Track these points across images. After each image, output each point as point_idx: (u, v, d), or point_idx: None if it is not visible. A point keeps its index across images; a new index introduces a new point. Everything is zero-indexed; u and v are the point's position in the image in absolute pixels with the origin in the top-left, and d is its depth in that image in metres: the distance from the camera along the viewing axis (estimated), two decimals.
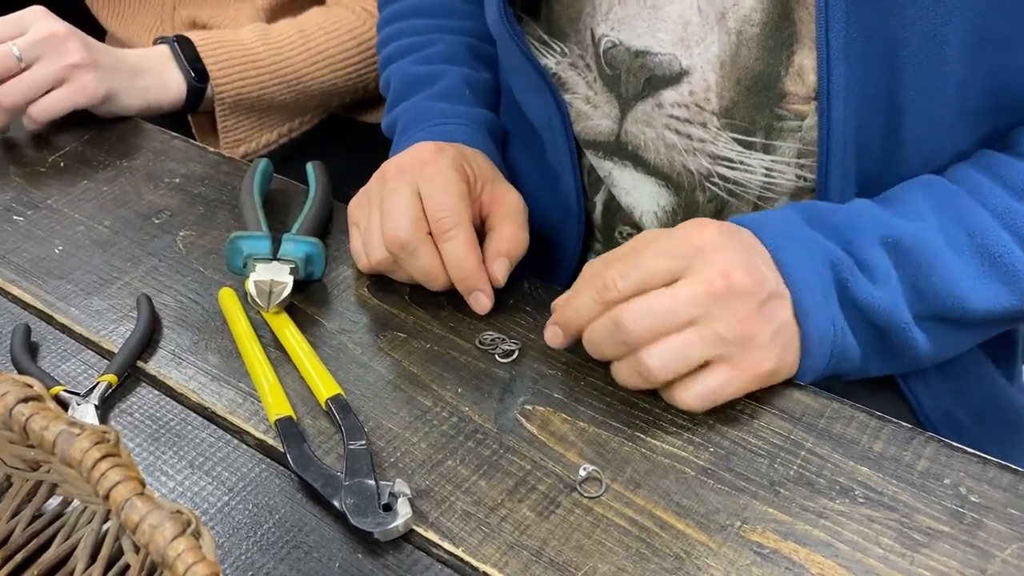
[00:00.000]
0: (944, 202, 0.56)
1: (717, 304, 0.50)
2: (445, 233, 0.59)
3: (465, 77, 0.76)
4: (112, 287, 0.66)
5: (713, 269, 0.50)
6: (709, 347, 0.50)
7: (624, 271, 0.52)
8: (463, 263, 0.59)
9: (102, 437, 0.35)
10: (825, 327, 0.53)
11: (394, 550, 0.48)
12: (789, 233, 0.54)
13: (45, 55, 0.78)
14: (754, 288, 0.51)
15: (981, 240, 0.54)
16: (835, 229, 0.55)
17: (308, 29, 0.97)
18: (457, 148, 0.65)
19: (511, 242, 0.62)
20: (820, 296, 0.53)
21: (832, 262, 0.53)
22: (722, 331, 0.50)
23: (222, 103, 0.93)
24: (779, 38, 0.56)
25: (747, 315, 0.50)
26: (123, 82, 0.84)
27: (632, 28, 0.60)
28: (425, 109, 0.73)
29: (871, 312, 0.54)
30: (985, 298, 0.54)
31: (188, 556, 0.31)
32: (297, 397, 0.56)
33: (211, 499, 0.51)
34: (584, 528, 0.48)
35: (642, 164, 0.65)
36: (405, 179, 0.61)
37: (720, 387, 0.51)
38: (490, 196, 0.64)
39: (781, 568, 0.46)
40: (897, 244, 0.54)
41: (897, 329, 0.55)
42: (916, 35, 0.52)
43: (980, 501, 0.49)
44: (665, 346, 0.50)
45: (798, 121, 0.58)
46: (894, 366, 0.58)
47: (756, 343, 0.51)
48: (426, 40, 0.79)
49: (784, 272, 0.52)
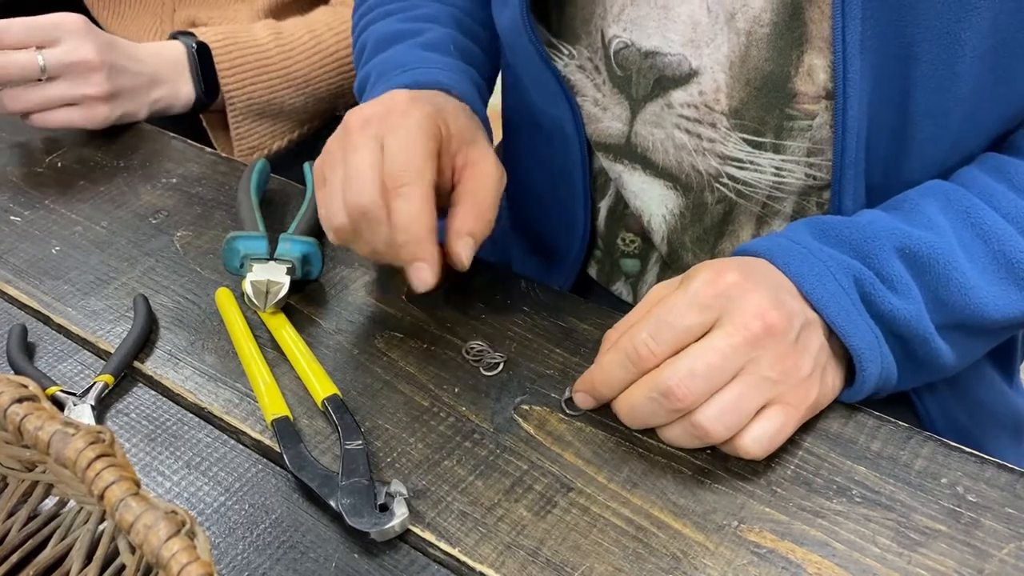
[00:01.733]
0: (956, 209, 0.55)
1: (757, 349, 0.49)
2: (397, 188, 0.53)
3: (452, 37, 0.71)
4: (109, 287, 0.65)
5: (746, 314, 0.49)
6: (761, 393, 0.49)
7: (655, 333, 0.50)
8: (410, 225, 0.52)
9: (97, 437, 0.35)
10: (870, 339, 0.52)
11: (390, 550, 0.48)
12: (804, 256, 0.53)
13: (68, 78, 0.78)
14: (788, 323, 0.49)
15: (997, 246, 0.54)
16: (850, 243, 0.54)
17: (319, 30, 0.96)
18: (434, 103, 0.58)
19: (477, 220, 0.56)
20: (853, 311, 0.52)
21: (855, 277, 0.52)
22: (768, 374, 0.49)
23: (234, 109, 0.93)
24: (789, 38, 0.56)
25: (787, 351, 0.49)
26: (137, 102, 0.84)
27: (643, 29, 0.60)
28: (405, 56, 0.67)
29: (896, 324, 0.53)
30: (1003, 305, 0.54)
31: (182, 556, 0.31)
32: (294, 397, 0.56)
33: (207, 499, 0.51)
34: (581, 528, 0.48)
35: (651, 166, 0.64)
36: (370, 132, 0.55)
37: (780, 429, 0.50)
38: (464, 160, 0.58)
39: (778, 568, 0.46)
40: (915, 255, 0.53)
41: (922, 340, 0.54)
42: (930, 34, 0.51)
43: (977, 500, 0.49)
44: (719, 404, 0.48)
45: (808, 120, 0.57)
46: (921, 377, 0.58)
47: (801, 375, 0.50)
48: (410, 4, 0.75)
49: (810, 298, 0.51)
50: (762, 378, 0.49)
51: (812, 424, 0.53)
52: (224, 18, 1.04)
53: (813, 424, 0.53)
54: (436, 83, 0.64)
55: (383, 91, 0.63)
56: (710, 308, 0.49)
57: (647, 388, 0.49)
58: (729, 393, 0.48)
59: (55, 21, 0.78)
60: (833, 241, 0.54)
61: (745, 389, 0.49)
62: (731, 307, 0.49)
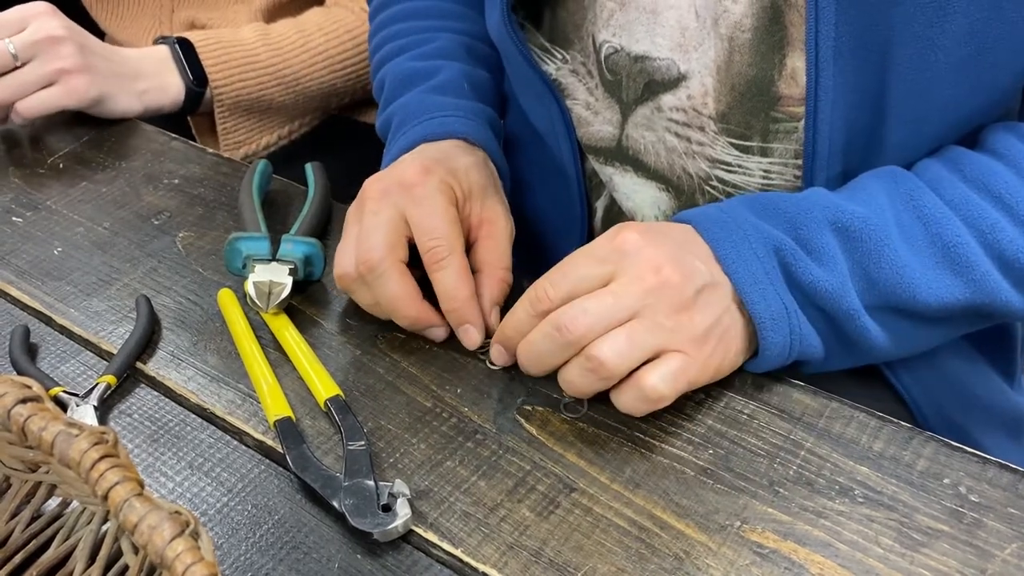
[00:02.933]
0: (900, 191, 0.55)
1: (652, 296, 0.50)
2: (438, 263, 0.58)
3: (464, 72, 0.74)
4: (111, 288, 0.66)
5: (642, 266, 0.51)
6: (655, 336, 0.50)
7: (554, 280, 0.52)
8: (455, 293, 0.57)
9: (100, 438, 0.35)
10: (776, 308, 0.53)
11: (393, 551, 0.48)
12: (726, 223, 0.54)
13: (39, 56, 0.79)
14: (684, 280, 0.51)
15: (936, 229, 0.54)
16: (783, 215, 0.54)
17: (308, 29, 0.97)
18: (446, 167, 0.62)
19: (500, 287, 0.60)
20: (764, 280, 0.53)
21: (775, 247, 0.53)
22: (662, 321, 0.50)
23: (221, 105, 0.93)
24: (771, 42, 0.56)
25: (682, 304, 0.51)
26: (119, 85, 0.84)
27: (632, 34, 0.60)
28: (422, 103, 0.71)
29: (817, 295, 0.53)
30: (936, 288, 0.54)
31: (187, 557, 0.31)
32: (296, 398, 0.56)
33: (210, 500, 0.51)
34: (584, 528, 0.48)
35: (643, 168, 0.65)
36: (388, 201, 0.59)
37: (680, 369, 0.51)
38: (479, 218, 0.62)
39: (781, 568, 0.46)
40: (846, 229, 0.54)
41: (846, 316, 0.54)
42: (906, 38, 0.52)
43: (980, 500, 0.49)
44: (613, 337, 0.50)
45: (793, 123, 0.58)
46: (854, 358, 0.58)
47: (696, 330, 0.51)
48: (422, 39, 0.77)
49: (722, 263, 0.53)
50: (656, 323, 0.50)
51: (814, 424, 0.53)
52: (223, 19, 1.04)
53: (815, 424, 0.53)
54: (452, 133, 0.67)
55: (404, 142, 0.67)
56: (606, 260, 0.52)
57: (543, 325, 0.52)
58: (623, 330, 0.50)
59: (21, 12, 0.80)
60: (766, 213, 0.55)
61: (639, 328, 0.50)
62: (626, 261, 0.51)
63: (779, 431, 0.53)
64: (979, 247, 0.54)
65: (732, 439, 0.52)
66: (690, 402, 0.54)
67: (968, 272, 0.54)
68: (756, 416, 0.54)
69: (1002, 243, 0.54)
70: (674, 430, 0.53)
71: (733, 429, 0.53)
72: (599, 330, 0.50)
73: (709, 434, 0.53)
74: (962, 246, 0.54)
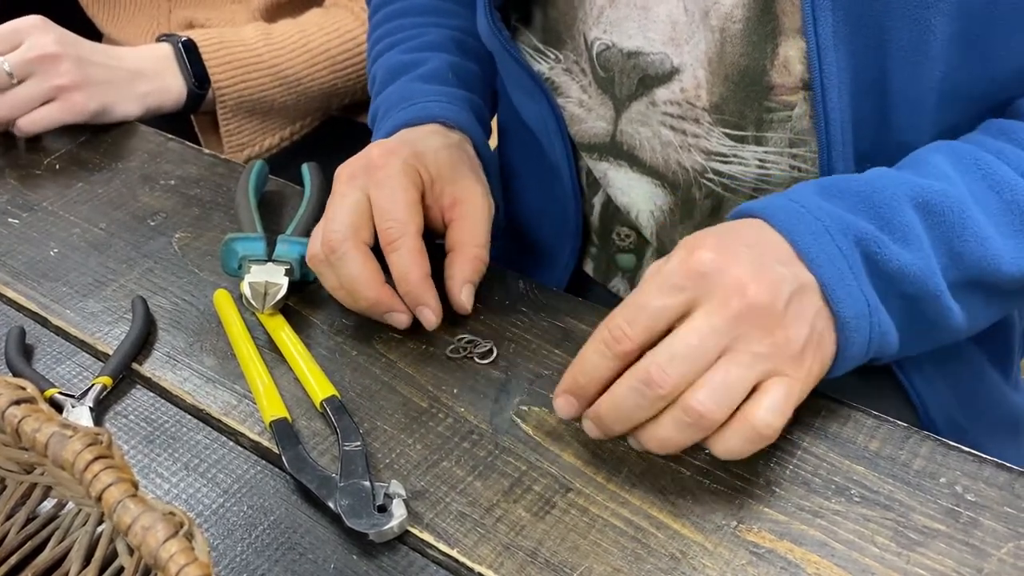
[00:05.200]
0: (966, 162, 0.53)
1: (741, 325, 0.46)
2: (390, 244, 0.58)
3: (450, 63, 0.74)
4: (107, 289, 0.65)
5: (725, 291, 0.47)
6: (752, 369, 0.46)
7: (630, 317, 0.48)
8: (406, 275, 0.58)
9: (95, 439, 0.35)
10: (860, 308, 0.49)
11: (389, 551, 0.48)
12: (801, 213, 0.50)
13: (35, 74, 0.79)
14: (773, 294, 0.47)
15: (1010, 196, 0.52)
16: (858, 196, 0.51)
17: (309, 30, 0.97)
18: (412, 149, 0.62)
19: (471, 264, 0.60)
20: (849, 275, 0.49)
21: (857, 237, 0.50)
22: (758, 349, 0.46)
23: (224, 106, 0.93)
24: (762, 32, 0.56)
25: (775, 323, 0.47)
26: (118, 93, 0.84)
27: (623, 30, 0.60)
28: (406, 91, 0.71)
29: (903, 280, 0.50)
30: (1019, 257, 0.52)
31: (180, 558, 0.31)
32: (292, 399, 0.56)
33: (206, 501, 0.51)
34: (580, 528, 0.48)
35: (638, 164, 0.65)
36: (355, 184, 0.60)
37: (787, 396, 0.47)
38: (451, 199, 0.62)
39: (777, 568, 0.46)
40: (928, 204, 0.51)
41: (932, 297, 0.51)
42: (901, 19, 0.52)
43: (976, 500, 0.49)
44: (708, 384, 0.46)
45: (787, 111, 0.58)
46: (929, 341, 0.55)
47: (794, 347, 0.47)
48: (413, 33, 0.78)
49: (805, 259, 0.49)
50: (752, 354, 0.46)
51: (810, 423, 0.53)
52: (221, 19, 1.04)
53: (811, 423, 0.53)
54: (432, 117, 0.68)
55: (386, 129, 0.68)
56: (684, 289, 0.48)
57: (627, 379, 0.47)
58: (717, 372, 0.46)
59: (14, 26, 0.80)
60: (840, 196, 0.51)
61: (733, 367, 0.46)
62: (708, 285, 0.47)
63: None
64: None
65: None
66: None
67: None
68: None
69: None
70: None
71: None
72: (692, 377, 0.46)
73: None
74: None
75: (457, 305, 0.60)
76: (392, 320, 0.59)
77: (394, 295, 0.59)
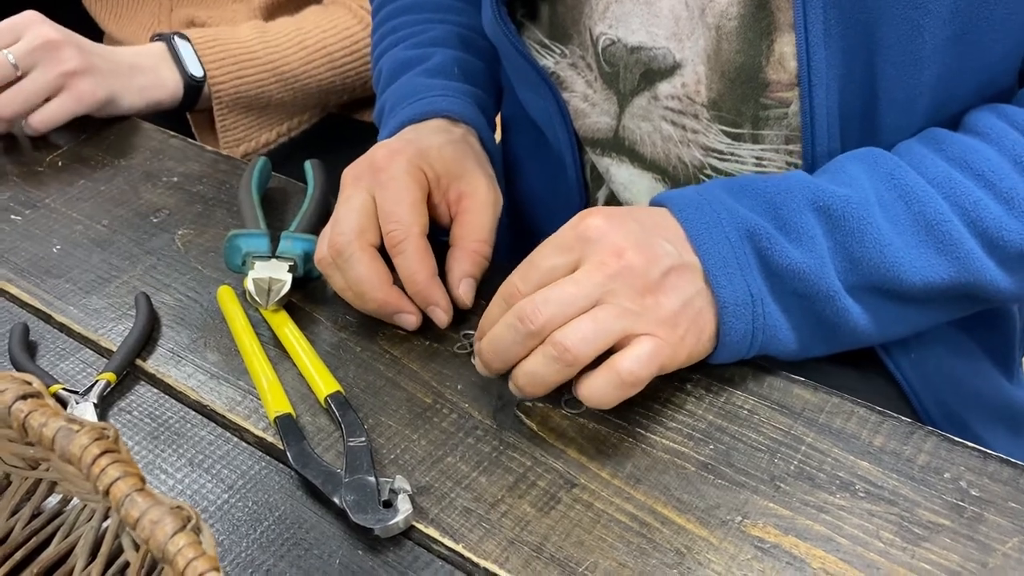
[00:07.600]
0: (881, 171, 0.55)
1: (615, 281, 0.50)
2: (395, 247, 0.58)
3: (455, 58, 0.74)
4: (110, 286, 0.65)
5: (604, 252, 0.50)
6: (620, 319, 0.49)
7: (523, 273, 0.52)
8: (413, 276, 0.58)
9: (101, 433, 0.35)
10: (741, 296, 0.52)
11: (394, 547, 0.48)
12: (701, 204, 0.53)
13: (41, 63, 0.78)
14: (648, 263, 0.50)
15: (918, 208, 0.53)
16: (762, 197, 0.54)
17: (305, 27, 0.97)
18: (416, 148, 0.62)
19: (473, 258, 0.60)
20: (733, 263, 0.52)
21: (749, 231, 0.53)
22: (628, 305, 0.50)
23: (219, 101, 0.93)
24: (757, 29, 0.56)
25: (647, 287, 0.50)
26: (121, 83, 0.84)
27: (628, 25, 0.61)
28: (411, 86, 0.71)
29: (794, 278, 0.53)
30: (920, 267, 0.53)
31: (189, 551, 0.31)
32: (296, 394, 0.56)
33: (211, 497, 0.51)
34: (585, 524, 0.48)
35: (639, 159, 0.65)
36: (360, 186, 0.60)
37: (653, 351, 0.49)
38: (456, 194, 0.62)
39: (782, 563, 0.46)
40: (828, 209, 0.53)
41: (825, 297, 0.53)
42: (891, 21, 0.52)
43: (981, 495, 0.49)
44: (577, 324, 0.49)
45: (783, 108, 0.58)
46: (836, 342, 0.57)
47: (663, 312, 0.50)
48: (417, 30, 0.78)
49: (693, 244, 0.52)
50: (621, 308, 0.49)
51: (815, 419, 0.53)
52: (222, 18, 1.04)
53: (816, 419, 0.53)
54: (437, 112, 0.68)
55: (392, 125, 0.68)
56: (571, 249, 0.52)
57: (506, 317, 0.51)
58: (587, 317, 0.49)
59: (11, 22, 0.79)
60: (744, 194, 0.54)
61: (601, 313, 0.49)
62: (590, 248, 0.51)
63: (780, 426, 0.53)
64: (962, 225, 0.53)
65: (733, 434, 0.52)
66: (690, 397, 0.55)
67: (952, 250, 0.53)
68: (756, 411, 0.54)
69: (985, 221, 0.53)
70: (675, 426, 0.53)
71: (734, 424, 0.53)
72: (562, 319, 0.49)
73: (710, 429, 0.53)
74: (945, 224, 0.53)
75: (457, 300, 0.60)
76: (401, 321, 0.59)
77: (402, 296, 0.59)
